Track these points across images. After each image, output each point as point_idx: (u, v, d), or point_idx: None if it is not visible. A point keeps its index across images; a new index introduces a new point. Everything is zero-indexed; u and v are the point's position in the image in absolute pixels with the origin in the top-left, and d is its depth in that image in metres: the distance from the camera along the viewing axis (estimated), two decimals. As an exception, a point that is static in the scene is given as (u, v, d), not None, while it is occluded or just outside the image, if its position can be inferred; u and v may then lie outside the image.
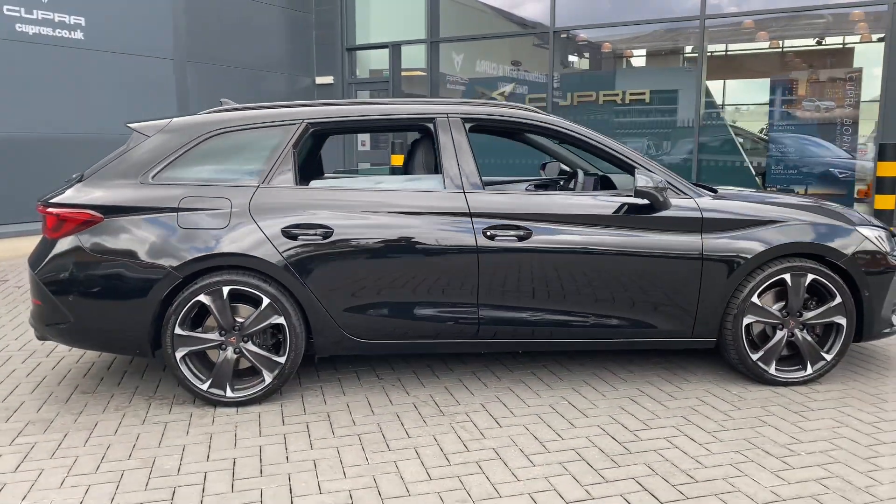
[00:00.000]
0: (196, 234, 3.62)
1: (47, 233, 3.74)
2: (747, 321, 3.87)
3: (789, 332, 3.91)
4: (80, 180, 3.79)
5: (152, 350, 3.71)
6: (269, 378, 3.71)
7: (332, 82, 12.92)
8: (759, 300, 3.87)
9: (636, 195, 3.76)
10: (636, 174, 3.73)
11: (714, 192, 4.12)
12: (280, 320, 3.67)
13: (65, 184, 3.88)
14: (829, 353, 3.95)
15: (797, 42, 10.44)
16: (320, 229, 3.68)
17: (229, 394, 3.69)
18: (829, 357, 3.94)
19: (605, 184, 4.52)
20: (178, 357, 3.64)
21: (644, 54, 11.61)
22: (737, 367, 4.02)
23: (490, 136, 4.98)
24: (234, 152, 3.87)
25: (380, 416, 3.62)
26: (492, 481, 2.92)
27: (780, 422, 3.48)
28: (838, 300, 3.88)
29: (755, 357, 3.90)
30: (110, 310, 3.66)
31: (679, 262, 3.81)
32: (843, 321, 3.91)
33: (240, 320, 3.68)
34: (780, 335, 3.91)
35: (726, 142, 10.39)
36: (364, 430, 3.44)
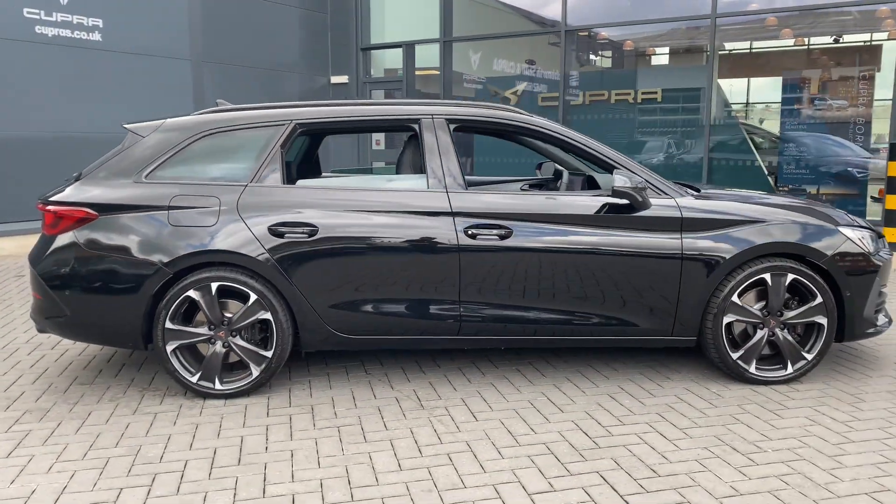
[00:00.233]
0: (186, 231, 3.75)
1: (46, 230, 3.89)
2: (727, 320, 3.91)
3: (770, 332, 3.94)
4: (78, 179, 3.95)
5: (145, 343, 3.85)
6: (256, 371, 3.83)
7: (346, 82, 13.05)
8: (739, 299, 3.90)
9: (614, 195, 3.82)
10: (615, 174, 3.79)
11: (697, 191, 4.16)
12: (267, 316, 3.79)
13: (64, 182, 4.03)
14: (809, 352, 3.97)
15: (810, 40, 10.35)
16: (306, 227, 3.78)
17: (218, 386, 3.82)
18: (809, 357, 3.97)
19: (591, 184, 4.57)
20: (169, 350, 3.78)
21: (656, 53, 11.58)
22: (718, 366, 4.05)
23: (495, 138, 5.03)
24: (224, 152, 4.00)
25: (362, 409, 3.72)
26: (459, 473, 3.00)
27: (753, 420, 3.53)
28: (819, 300, 3.91)
29: (735, 356, 3.94)
30: (104, 304, 3.80)
31: (658, 261, 3.86)
32: (823, 321, 3.93)
33: (228, 315, 3.80)
34: (761, 334, 3.94)
35: (738, 141, 10.33)
36: (344, 423, 3.54)
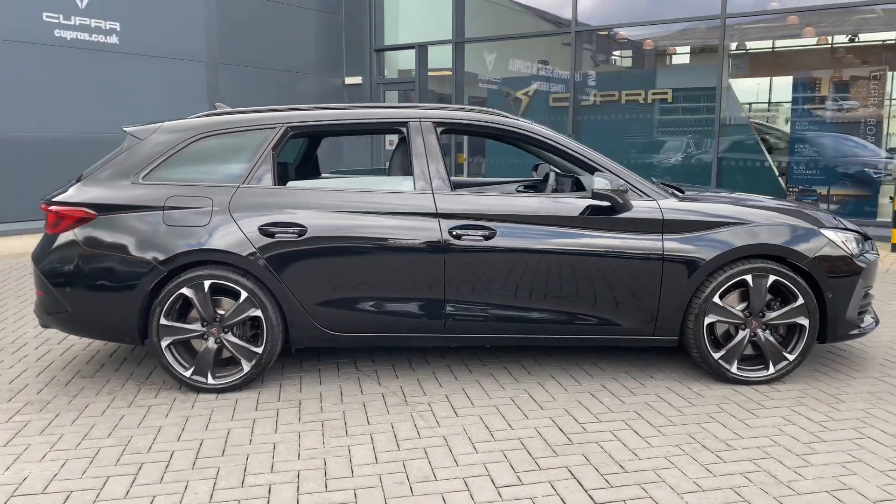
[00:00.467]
0: (180, 231, 3.89)
1: (48, 228, 4.05)
2: (709, 321, 3.96)
3: (752, 332, 3.99)
4: (80, 180, 4.10)
5: (142, 339, 4.00)
6: (247, 367, 3.96)
7: (360, 83, 13.22)
8: (721, 300, 3.95)
9: (594, 197, 3.89)
10: (595, 177, 3.86)
11: (681, 193, 4.21)
12: (257, 313, 3.91)
13: (66, 183, 4.19)
14: (791, 353, 4.01)
15: (820, 40, 10.29)
16: (295, 227, 3.90)
17: (210, 381, 3.95)
18: (791, 357, 4.01)
19: (579, 185, 4.63)
20: (164, 346, 3.92)
21: (667, 53, 11.58)
22: (700, 366, 4.11)
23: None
24: (218, 154, 4.13)
25: (347, 404, 3.83)
26: (432, 466, 3.10)
27: (728, 418, 3.58)
28: (800, 301, 3.94)
29: (717, 356, 3.99)
30: (103, 301, 3.95)
31: (639, 262, 3.92)
32: (805, 322, 3.97)
33: (221, 312, 3.93)
34: (743, 335, 3.99)
35: (749, 141, 10.31)
36: (329, 417, 3.66)
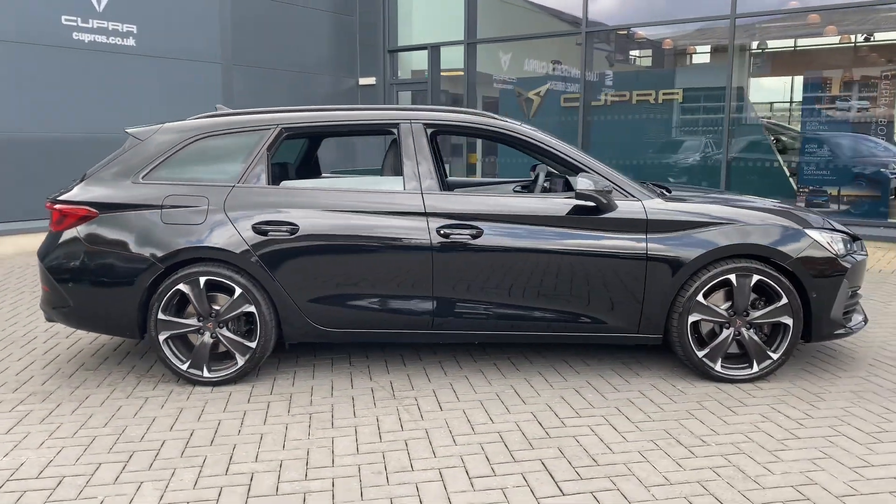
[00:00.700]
0: (176, 228, 4.02)
1: (52, 226, 4.21)
2: (693, 319, 4.02)
3: (736, 331, 4.04)
4: (83, 179, 4.25)
5: (141, 333, 4.14)
6: (241, 361, 4.09)
7: (374, 83, 13.34)
8: (705, 299, 4.01)
9: (577, 197, 3.97)
10: (578, 177, 3.93)
11: (668, 192, 4.27)
12: (251, 309, 4.04)
13: (72, 183, 4.34)
14: (775, 351, 4.06)
15: (830, 39, 10.24)
16: (287, 226, 4.02)
17: (206, 374, 4.09)
18: (775, 356, 4.05)
19: (571, 185, 4.70)
20: (161, 339, 4.06)
21: (678, 54, 11.56)
22: (685, 364, 4.16)
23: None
24: (216, 154, 4.26)
25: (337, 398, 3.94)
26: (411, 457, 3.20)
27: (707, 415, 3.64)
28: (784, 301, 3.99)
29: (701, 354, 4.05)
30: (103, 296, 4.10)
31: (623, 261, 3.99)
32: (789, 321, 4.01)
33: (216, 308, 4.06)
34: (726, 333, 4.04)
35: (759, 141, 10.27)
36: (317, 410, 3.77)
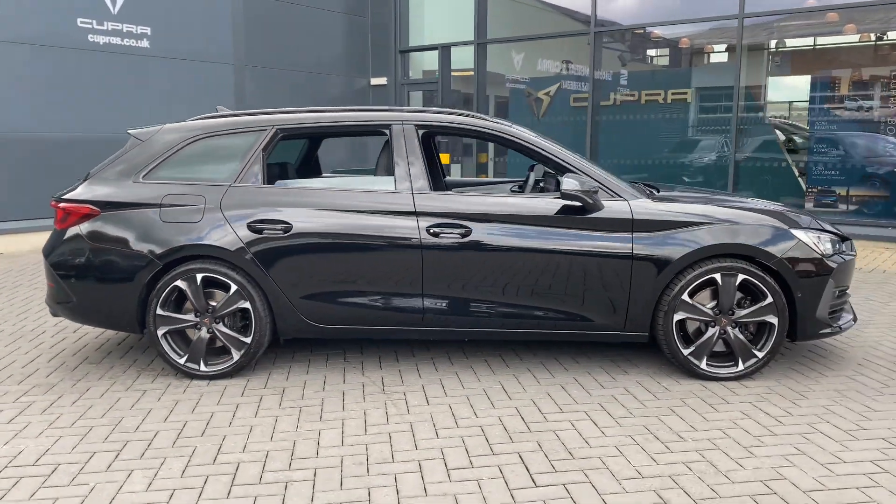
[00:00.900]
0: (174, 227, 4.15)
1: (57, 224, 4.35)
2: (678, 317, 4.07)
3: (721, 330, 4.09)
4: (86, 179, 4.39)
5: (140, 328, 4.27)
6: (237, 356, 4.21)
7: (385, 83, 13.46)
8: (692, 298, 4.07)
9: (562, 197, 4.04)
10: (564, 177, 4.00)
11: (655, 192, 4.33)
12: (246, 305, 4.16)
13: (77, 181, 4.49)
14: (761, 350, 4.10)
15: (838, 39, 10.19)
16: (281, 224, 4.13)
17: (203, 368, 4.21)
18: (760, 354, 4.10)
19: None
20: (160, 334, 4.18)
21: (688, 53, 11.55)
22: (671, 361, 4.22)
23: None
24: (213, 155, 4.38)
25: (328, 392, 4.04)
26: (393, 449, 3.30)
27: (688, 412, 3.70)
28: (769, 300, 4.03)
29: (686, 352, 4.10)
30: (105, 291, 4.24)
31: (609, 260, 4.05)
32: (774, 320, 4.05)
33: (213, 304, 4.19)
34: (712, 332, 4.09)
35: (768, 141, 10.25)
36: (307, 404, 3.88)
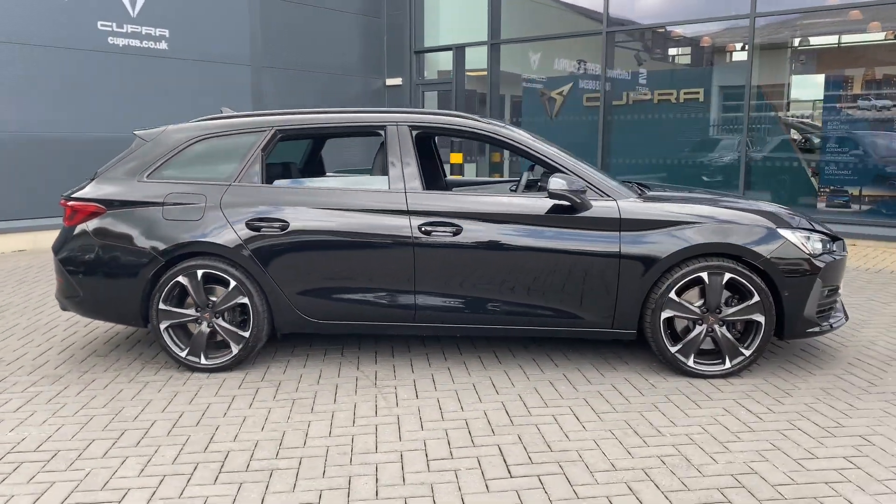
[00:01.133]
0: (176, 224, 4.30)
1: (65, 221, 4.53)
2: (666, 315, 4.14)
3: (709, 328, 4.14)
4: (94, 178, 4.56)
5: (144, 322, 4.43)
6: (235, 349, 4.35)
7: (400, 84, 13.59)
8: (680, 296, 4.13)
9: (550, 197, 4.12)
10: (552, 177, 4.08)
11: (645, 192, 4.39)
12: (245, 300, 4.29)
13: (86, 181, 4.66)
14: (748, 348, 4.15)
15: (851, 38, 10.12)
16: (278, 222, 4.26)
17: (203, 361, 4.36)
18: (747, 352, 4.15)
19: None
20: (162, 328, 4.34)
21: (700, 53, 11.52)
22: (659, 359, 4.28)
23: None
24: (215, 155, 4.52)
25: (322, 385, 4.17)
26: (378, 440, 3.41)
27: (671, 408, 3.76)
28: (756, 299, 4.08)
29: (674, 349, 4.16)
30: (110, 286, 4.40)
31: (598, 258, 4.13)
32: (761, 319, 4.10)
33: (213, 299, 4.33)
34: (699, 330, 4.15)
35: (780, 141, 10.22)
36: (301, 397, 4.00)
